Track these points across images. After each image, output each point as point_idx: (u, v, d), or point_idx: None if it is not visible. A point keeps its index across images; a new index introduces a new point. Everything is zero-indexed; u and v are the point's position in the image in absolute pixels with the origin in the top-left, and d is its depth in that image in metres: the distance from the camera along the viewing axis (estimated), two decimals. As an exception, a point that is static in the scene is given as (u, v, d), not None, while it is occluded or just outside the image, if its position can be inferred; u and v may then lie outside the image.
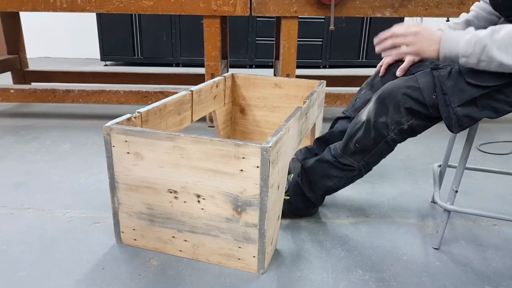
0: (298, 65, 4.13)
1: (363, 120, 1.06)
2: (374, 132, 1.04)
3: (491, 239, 1.18)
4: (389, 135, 1.04)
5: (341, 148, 1.12)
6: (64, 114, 2.42)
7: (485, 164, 1.74)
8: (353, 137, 1.08)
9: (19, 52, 2.72)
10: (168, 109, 1.25)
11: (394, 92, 1.01)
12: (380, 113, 1.03)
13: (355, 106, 1.29)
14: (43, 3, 1.98)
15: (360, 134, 1.07)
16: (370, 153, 1.08)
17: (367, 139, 1.06)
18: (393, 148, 1.07)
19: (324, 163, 1.16)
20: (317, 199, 1.21)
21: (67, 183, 1.48)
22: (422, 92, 0.98)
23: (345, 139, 1.11)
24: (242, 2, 1.96)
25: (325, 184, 1.16)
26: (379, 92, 1.04)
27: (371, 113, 1.04)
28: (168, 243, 1.06)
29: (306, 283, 0.98)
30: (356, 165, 1.11)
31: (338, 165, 1.13)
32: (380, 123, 1.03)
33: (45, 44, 4.88)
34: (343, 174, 1.14)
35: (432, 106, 0.98)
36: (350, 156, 1.10)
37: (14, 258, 1.05)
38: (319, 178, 1.17)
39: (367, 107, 1.07)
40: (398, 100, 1.00)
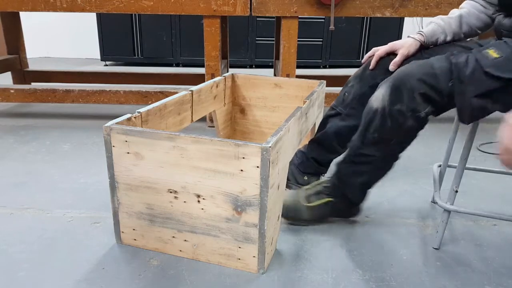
0: (298, 65, 4.13)
1: (375, 107, 1.00)
2: (391, 120, 0.99)
3: (491, 239, 1.18)
4: (406, 122, 0.98)
5: (360, 140, 1.07)
6: (64, 114, 2.42)
7: (485, 164, 1.73)
8: (369, 127, 1.03)
9: (19, 52, 2.71)
10: (168, 109, 1.25)
11: (408, 78, 0.95)
12: (394, 101, 0.97)
13: (346, 101, 1.26)
14: (43, 3, 1.98)
15: (376, 122, 1.01)
16: (391, 142, 1.03)
17: (385, 128, 1.00)
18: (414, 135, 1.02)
19: (348, 162, 1.12)
20: (357, 198, 1.17)
21: (67, 183, 1.48)
22: (438, 78, 0.94)
23: (362, 130, 1.06)
24: (242, 2, 1.96)
25: (357, 182, 1.12)
26: (392, 78, 0.99)
27: (385, 100, 0.98)
28: (168, 243, 1.06)
29: (306, 283, 0.98)
30: (377, 155, 1.06)
31: (362, 159, 1.08)
32: (395, 111, 0.97)
33: (45, 44, 4.88)
34: (368, 167, 1.09)
35: (448, 94, 0.94)
36: (372, 146, 1.05)
37: (14, 258, 1.05)
38: (350, 177, 1.13)
39: (378, 93, 1.01)
40: (413, 86, 0.95)
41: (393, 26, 4.19)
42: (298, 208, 1.17)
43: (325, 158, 1.34)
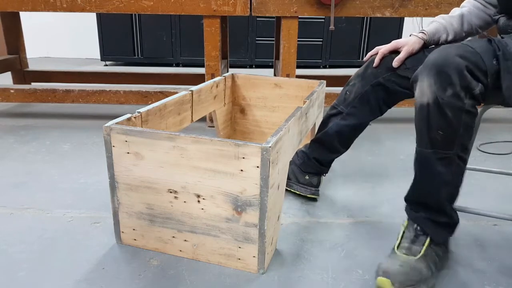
0: (298, 65, 4.13)
1: (426, 102, 0.88)
2: (450, 110, 0.86)
3: (491, 239, 1.18)
4: (466, 103, 0.86)
5: (426, 146, 0.93)
6: (64, 114, 2.42)
7: (485, 164, 1.73)
8: (430, 127, 0.90)
9: (19, 52, 2.71)
10: (168, 109, 1.25)
11: (449, 57, 0.85)
12: (443, 86, 0.85)
13: (347, 100, 1.24)
14: (43, 3, 1.98)
15: (435, 120, 0.88)
16: (459, 133, 0.89)
17: (447, 121, 0.87)
18: (477, 112, 0.90)
19: (425, 181, 0.97)
20: (453, 217, 1.01)
21: (67, 183, 1.48)
22: (481, 56, 0.85)
23: (423, 134, 0.92)
24: (242, 2, 1.96)
25: (444, 197, 0.97)
26: (430, 65, 0.87)
27: (433, 91, 0.86)
28: (168, 243, 1.06)
29: (306, 283, 0.98)
30: (452, 153, 0.91)
31: (438, 168, 0.93)
32: (449, 97, 0.85)
33: (45, 44, 4.88)
34: (449, 172, 0.93)
35: (493, 73, 0.86)
36: (441, 149, 0.91)
37: (14, 258, 1.05)
38: (435, 195, 0.97)
39: (420, 88, 0.89)
40: (458, 63, 0.84)
41: (393, 26, 4.19)
42: (413, 267, 0.93)
43: (327, 158, 1.33)
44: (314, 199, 1.37)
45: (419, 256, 0.95)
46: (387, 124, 2.31)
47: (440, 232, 0.99)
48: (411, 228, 1.01)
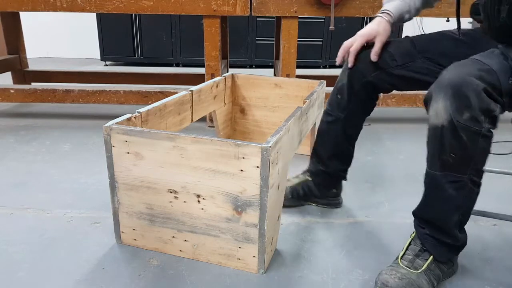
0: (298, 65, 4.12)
1: (440, 124, 0.84)
2: (465, 134, 0.82)
3: (491, 239, 1.18)
4: (483, 127, 0.81)
5: (437, 168, 0.89)
6: (64, 114, 2.42)
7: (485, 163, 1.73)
8: (443, 149, 0.85)
9: (19, 52, 2.71)
10: (168, 109, 1.25)
11: (467, 78, 0.80)
12: (461, 108, 0.80)
13: (341, 104, 1.17)
14: (43, 3, 1.98)
15: (449, 142, 0.84)
16: (474, 158, 0.85)
17: (461, 145, 0.83)
18: (493, 135, 0.84)
19: (436, 203, 0.93)
20: (460, 239, 0.96)
21: (67, 183, 1.48)
22: (497, 75, 0.81)
23: (434, 156, 0.88)
24: (242, 2, 1.96)
25: (453, 221, 0.93)
26: (446, 85, 0.82)
27: (449, 114, 0.81)
28: (168, 243, 1.06)
29: (306, 283, 0.98)
30: (465, 178, 0.87)
31: (448, 192, 0.89)
32: (466, 121, 0.81)
33: (45, 44, 4.88)
34: (460, 197, 0.90)
35: (507, 92, 0.82)
36: (451, 171, 0.87)
37: (14, 258, 1.05)
38: (442, 218, 0.94)
39: (435, 109, 0.84)
40: (477, 85, 0.79)
41: (393, 26, 4.18)
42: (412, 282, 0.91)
43: (347, 166, 1.29)
44: None
45: (420, 270, 0.93)
46: (387, 124, 2.31)
47: (442, 252, 0.96)
48: (417, 241, 0.99)
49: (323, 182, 1.31)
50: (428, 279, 0.94)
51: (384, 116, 2.47)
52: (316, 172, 1.30)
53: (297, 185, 1.32)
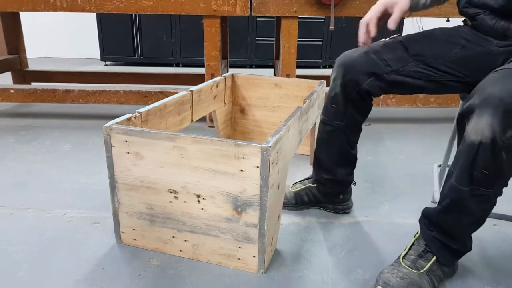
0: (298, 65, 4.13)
1: (479, 141, 0.81)
2: (506, 153, 0.80)
3: (491, 239, 1.18)
4: None
5: (464, 184, 0.87)
6: (64, 114, 2.42)
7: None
8: (476, 166, 0.83)
9: (19, 52, 2.71)
10: (168, 109, 1.25)
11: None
12: (507, 128, 0.78)
13: (339, 112, 1.15)
14: (43, 3, 1.98)
15: (484, 160, 0.82)
16: (504, 175, 0.84)
17: (497, 163, 0.81)
18: None
19: (454, 215, 0.92)
20: (466, 246, 0.97)
21: (67, 183, 1.48)
22: None
23: (464, 171, 0.86)
24: (242, 2, 1.96)
25: (467, 231, 0.95)
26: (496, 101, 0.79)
27: (493, 131, 0.78)
28: (168, 243, 1.06)
29: (306, 283, 0.98)
30: (491, 192, 0.87)
31: (471, 207, 0.89)
32: (509, 139, 0.79)
33: (45, 44, 4.88)
34: (481, 212, 0.91)
35: None
36: (479, 186, 0.86)
37: (14, 258, 1.05)
38: (458, 228, 0.94)
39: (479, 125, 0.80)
40: None
41: (393, 26, 4.18)
42: (414, 282, 0.92)
43: (352, 170, 1.28)
44: None
45: (422, 271, 0.94)
46: (387, 124, 2.31)
47: (447, 256, 0.96)
48: (421, 241, 0.99)
49: (330, 190, 1.28)
50: (429, 279, 0.94)
51: (384, 116, 2.48)
52: (322, 181, 1.27)
53: (301, 190, 1.31)
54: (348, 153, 1.22)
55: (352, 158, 1.25)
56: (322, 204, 1.32)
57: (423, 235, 0.99)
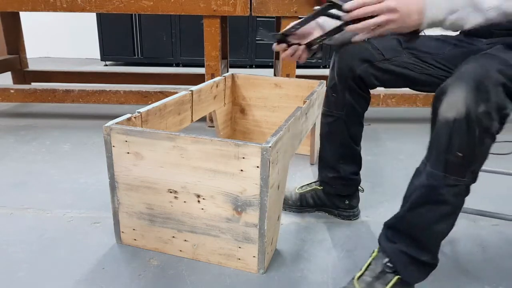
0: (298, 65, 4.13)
1: (453, 118, 0.77)
2: (478, 129, 0.76)
3: (491, 239, 1.18)
4: (493, 125, 0.77)
5: (440, 169, 0.82)
6: (64, 114, 2.42)
7: (485, 164, 1.73)
8: (451, 146, 0.79)
9: (19, 52, 2.71)
10: (168, 109, 1.25)
11: (490, 70, 0.76)
12: (479, 101, 0.75)
13: (338, 102, 1.15)
14: (43, 3, 1.98)
15: (459, 138, 0.78)
16: (477, 158, 0.80)
17: (472, 141, 0.77)
18: (495, 139, 0.80)
19: (425, 207, 0.85)
20: (435, 257, 0.89)
21: (67, 183, 1.48)
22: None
23: (440, 153, 0.81)
24: (242, 2, 1.96)
25: (439, 231, 0.86)
26: (468, 76, 0.77)
27: (468, 104, 0.75)
28: (168, 243, 1.06)
29: (306, 283, 0.98)
30: (463, 182, 0.82)
31: (445, 196, 0.82)
32: (481, 114, 0.75)
33: (45, 44, 4.88)
34: (455, 203, 0.84)
35: None
36: (454, 174, 0.81)
37: (14, 258, 1.05)
38: (427, 231, 0.86)
39: (452, 100, 0.78)
40: (496, 79, 0.75)
41: (393, 26, 4.18)
42: None
43: (358, 165, 1.26)
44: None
45: None
46: (387, 124, 2.31)
47: (414, 272, 0.88)
48: (379, 261, 0.91)
49: (335, 189, 1.26)
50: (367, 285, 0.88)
51: (384, 116, 2.47)
52: (326, 180, 1.26)
53: (306, 192, 1.30)
54: (351, 148, 1.21)
55: (356, 155, 1.23)
56: (327, 209, 1.31)
57: (386, 251, 0.91)
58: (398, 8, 0.78)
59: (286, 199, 1.30)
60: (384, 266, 0.90)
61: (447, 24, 0.80)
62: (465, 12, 0.78)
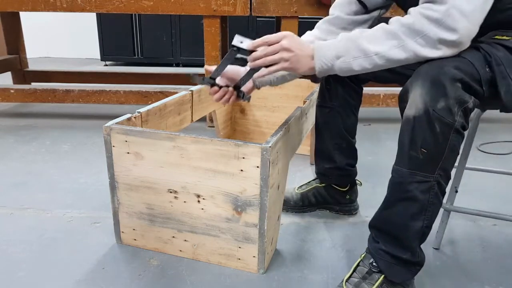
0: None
1: (413, 115, 0.80)
2: (439, 125, 0.78)
3: (491, 239, 1.18)
4: (456, 120, 0.78)
5: (405, 166, 0.83)
6: (64, 114, 2.42)
7: (485, 164, 1.73)
8: (414, 142, 0.81)
9: (19, 52, 2.72)
10: (168, 109, 1.25)
11: (445, 68, 0.78)
12: (436, 96, 0.77)
13: (331, 93, 1.17)
14: (43, 3, 1.98)
15: (421, 135, 0.80)
16: (443, 155, 0.80)
17: (434, 137, 0.79)
18: (464, 135, 0.82)
19: (398, 205, 0.87)
20: (418, 255, 0.89)
21: (67, 183, 1.48)
22: (473, 65, 0.79)
23: (404, 151, 0.83)
24: (242, 2, 1.96)
25: (415, 228, 0.86)
26: (424, 74, 0.80)
27: (425, 101, 0.78)
28: (168, 243, 1.06)
29: (306, 283, 0.98)
30: (433, 179, 0.82)
31: (414, 192, 0.83)
32: (440, 110, 0.77)
33: (45, 44, 4.88)
34: (425, 200, 0.84)
35: (486, 81, 0.80)
36: (421, 171, 0.82)
37: (14, 258, 1.05)
38: (404, 228, 0.86)
39: (412, 98, 0.81)
40: (453, 74, 0.77)
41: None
42: None
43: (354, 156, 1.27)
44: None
45: None
46: (387, 124, 2.31)
47: (397, 271, 0.88)
48: (366, 261, 0.92)
49: (332, 180, 1.27)
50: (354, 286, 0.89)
51: (384, 116, 2.47)
52: (323, 171, 1.27)
53: (308, 191, 1.31)
54: (346, 139, 1.22)
55: (351, 147, 1.25)
56: (329, 206, 1.32)
57: (371, 251, 0.92)
58: (292, 48, 0.85)
59: (287, 201, 1.30)
60: (371, 266, 0.91)
61: (336, 69, 0.85)
62: (350, 57, 0.83)
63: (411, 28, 0.78)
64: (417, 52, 0.79)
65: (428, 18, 0.77)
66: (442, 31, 0.76)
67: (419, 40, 0.78)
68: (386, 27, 0.82)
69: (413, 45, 0.79)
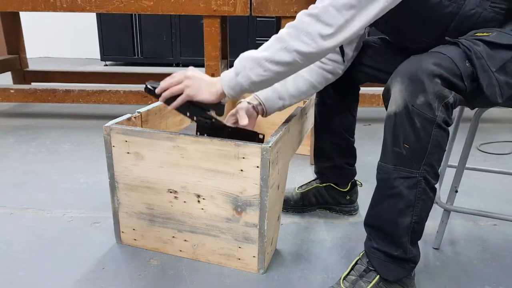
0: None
1: (393, 111, 0.81)
2: (419, 120, 0.79)
3: (491, 239, 1.18)
4: (437, 115, 0.79)
5: (389, 162, 0.86)
6: (64, 114, 2.42)
7: (485, 164, 1.73)
8: (396, 138, 0.82)
9: (19, 52, 2.72)
10: (168, 109, 1.25)
11: (423, 64, 0.79)
12: (415, 92, 0.78)
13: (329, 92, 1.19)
14: (43, 3, 1.98)
15: (402, 130, 0.81)
16: (427, 150, 0.81)
17: (416, 133, 0.79)
18: (448, 131, 0.82)
19: (385, 201, 0.87)
20: (410, 251, 0.88)
21: (67, 183, 1.48)
22: (454, 60, 0.79)
23: (387, 147, 0.86)
24: (242, 2, 1.96)
25: (404, 225, 0.85)
26: (403, 70, 0.81)
27: (404, 97, 0.79)
28: (168, 243, 1.06)
29: (306, 283, 0.98)
30: (418, 174, 0.82)
31: (399, 188, 0.84)
32: (420, 106, 0.78)
33: (45, 44, 4.88)
34: (411, 196, 0.83)
35: (468, 75, 0.80)
36: (406, 166, 0.82)
37: (14, 258, 1.05)
38: (393, 224, 0.86)
39: (392, 95, 0.82)
40: (432, 70, 0.78)
41: (393, 26, 4.18)
42: None
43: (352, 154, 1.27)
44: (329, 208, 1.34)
45: None
46: (387, 124, 2.30)
47: (390, 268, 0.88)
48: (364, 260, 0.92)
49: (331, 179, 1.28)
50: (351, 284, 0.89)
51: (384, 116, 2.47)
52: (322, 170, 1.28)
53: (308, 191, 1.31)
54: (344, 138, 1.23)
55: (350, 146, 1.25)
56: (329, 206, 1.32)
57: (366, 250, 0.93)
58: (194, 75, 0.91)
59: (287, 200, 1.30)
60: (368, 264, 0.92)
61: (241, 86, 0.87)
62: (247, 70, 0.85)
63: (295, 27, 0.82)
64: (299, 50, 0.81)
65: (309, 15, 0.80)
66: (320, 26, 0.79)
67: (303, 38, 0.80)
68: (277, 34, 0.85)
69: (295, 45, 0.81)
